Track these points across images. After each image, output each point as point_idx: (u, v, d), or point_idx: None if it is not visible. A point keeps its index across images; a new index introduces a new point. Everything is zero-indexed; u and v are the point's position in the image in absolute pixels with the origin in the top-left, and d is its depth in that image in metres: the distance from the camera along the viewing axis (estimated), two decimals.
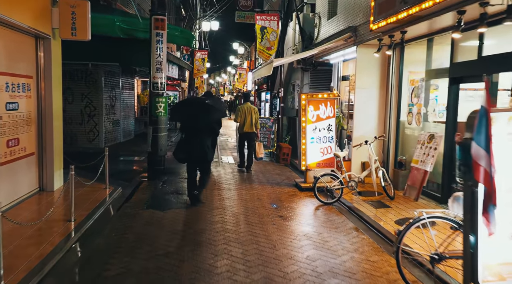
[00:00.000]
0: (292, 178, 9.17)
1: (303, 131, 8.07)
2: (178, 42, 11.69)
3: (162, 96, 9.13)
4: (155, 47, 9.01)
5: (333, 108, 8.06)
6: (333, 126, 8.12)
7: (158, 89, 9.09)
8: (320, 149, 8.12)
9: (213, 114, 6.57)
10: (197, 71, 22.12)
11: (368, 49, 8.35)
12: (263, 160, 11.91)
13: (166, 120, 9.38)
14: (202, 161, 6.58)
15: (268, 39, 12.28)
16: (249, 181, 8.73)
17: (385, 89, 8.56)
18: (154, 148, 9.10)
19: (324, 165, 8.15)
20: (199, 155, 6.44)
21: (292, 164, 11.22)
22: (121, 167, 9.87)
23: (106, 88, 12.91)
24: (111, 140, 13.40)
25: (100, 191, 7.18)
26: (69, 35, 6.93)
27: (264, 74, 9.64)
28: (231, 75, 59.58)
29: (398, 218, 6.04)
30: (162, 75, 9.11)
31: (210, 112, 6.51)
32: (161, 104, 9.12)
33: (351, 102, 11.53)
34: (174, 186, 8.10)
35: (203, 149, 6.43)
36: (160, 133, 9.15)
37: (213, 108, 6.61)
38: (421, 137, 7.18)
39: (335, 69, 11.86)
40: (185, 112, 6.65)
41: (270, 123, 12.56)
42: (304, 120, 8.05)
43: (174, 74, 15.77)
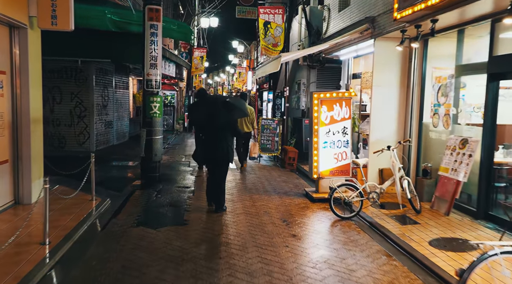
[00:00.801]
0: (301, 187, 8.28)
1: (315, 134, 7.19)
2: (175, 37, 10.82)
3: (157, 96, 8.23)
4: (149, 41, 8.12)
5: (349, 109, 7.18)
6: (348, 129, 7.23)
7: (152, 87, 8.19)
8: (334, 155, 7.23)
9: (234, 113, 6.31)
10: (195, 69, 21.20)
11: (387, 42, 7.47)
12: (267, 165, 11.02)
13: (161, 121, 8.49)
14: (223, 162, 6.24)
15: (272, 34, 11.39)
16: (253, 190, 7.83)
17: (405, 87, 7.68)
18: (148, 153, 8.20)
19: (339, 173, 7.27)
20: (220, 156, 6.12)
21: (299, 170, 10.33)
22: (112, 174, 8.96)
23: (98, 86, 12.00)
24: (103, 142, 12.48)
25: (85, 203, 6.28)
26: (48, 24, 6.01)
27: (270, 70, 8.75)
28: (230, 74, 58.67)
29: (432, 238, 5.16)
30: (157, 72, 8.22)
31: (232, 111, 6.22)
32: (156, 104, 8.22)
33: (363, 102, 10.67)
34: (170, 196, 7.20)
35: (224, 150, 6.13)
36: (154, 136, 8.25)
37: (234, 106, 6.33)
38: (450, 141, 6.31)
39: (345, 66, 10.98)
40: (205, 111, 6.24)
41: (274, 124, 11.66)
42: (316, 122, 7.16)
43: (171, 72, 14.86)
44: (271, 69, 8.60)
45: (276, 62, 7.95)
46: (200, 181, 8.53)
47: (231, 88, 54.54)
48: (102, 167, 9.54)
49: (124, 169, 9.61)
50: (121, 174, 9.01)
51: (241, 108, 6.69)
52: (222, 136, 6.14)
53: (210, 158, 6.24)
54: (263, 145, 11.55)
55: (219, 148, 6.10)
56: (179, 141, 16.71)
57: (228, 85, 62.28)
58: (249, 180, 8.77)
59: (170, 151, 13.15)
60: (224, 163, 6.27)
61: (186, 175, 9.09)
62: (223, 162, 6.25)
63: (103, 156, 11.07)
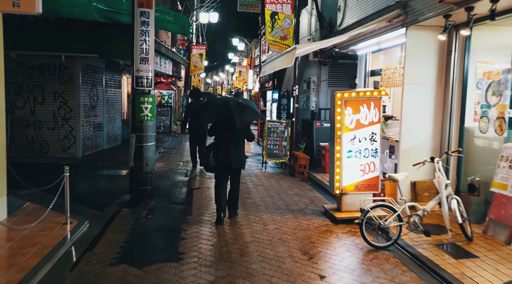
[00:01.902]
0: (318, 202, 7.08)
1: (337, 142, 5.97)
2: (172, 29, 9.63)
3: (148, 95, 7.01)
4: (139, 31, 6.89)
5: (378, 111, 5.97)
6: (377, 135, 6.02)
7: (143, 85, 6.97)
8: (360, 166, 6.03)
9: (249, 115, 5.84)
10: (194, 67, 19.97)
11: (423, 31, 6.28)
12: (275, 174, 9.80)
13: (154, 125, 7.27)
14: (237, 168, 5.87)
15: (280, 26, 10.17)
16: (262, 207, 6.62)
17: (443, 85, 6.48)
18: (138, 163, 6.98)
19: (365, 188, 6.06)
20: (234, 162, 5.66)
21: (311, 179, 9.12)
22: (97, 186, 7.74)
23: (85, 85, 10.77)
24: (91, 147, 11.25)
25: (56, 228, 5.06)
26: (9, 6, 4.80)
27: (282, 65, 7.52)
28: (230, 73, 57.46)
29: (502, 280, 3.95)
30: (149, 68, 6.99)
31: (246, 113, 5.72)
32: (147, 106, 6.99)
33: (383, 102, 9.48)
34: (163, 217, 5.99)
35: (239, 155, 5.73)
36: (146, 142, 7.03)
37: (249, 109, 5.84)
38: (507, 151, 5.11)
39: (361, 62, 9.78)
40: (217, 114, 5.74)
41: (281, 127, 10.44)
42: (339, 127, 5.95)
43: (167, 69, 13.65)
44: (282, 64, 7.38)
45: (290, 56, 6.71)
46: (200, 195, 7.31)
47: (231, 87, 53.34)
48: (86, 178, 8.34)
49: (112, 179, 8.38)
50: (107, 186, 7.78)
51: (254, 109, 6.07)
52: (236, 141, 5.71)
53: (222, 165, 5.67)
54: (269, 150, 10.33)
55: (232, 154, 5.62)
56: (177, 144, 15.48)
57: (227, 84, 61.06)
58: (256, 193, 7.55)
59: (165, 157, 11.92)
60: (237, 170, 5.91)
61: (183, 188, 7.87)
62: (237, 169, 5.88)
63: (89, 163, 9.86)
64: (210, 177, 8.80)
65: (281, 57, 7.72)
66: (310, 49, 7.83)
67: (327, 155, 9.57)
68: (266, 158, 10.30)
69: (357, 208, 6.07)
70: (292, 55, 6.57)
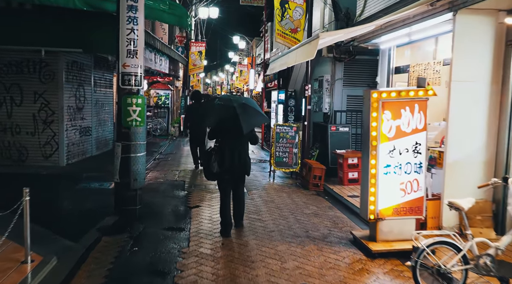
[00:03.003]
0: (342, 224, 5.86)
1: (373, 154, 4.75)
2: (167, 20, 8.44)
3: (137, 96, 5.80)
4: (125, 17, 5.69)
5: (424, 116, 4.74)
6: (422, 145, 4.80)
7: (130, 84, 5.76)
8: (401, 185, 4.81)
9: (256, 119, 5.41)
10: (193, 66, 18.74)
11: (475, 16, 5.10)
12: (285, 186, 8.58)
13: (144, 132, 6.05)
14: (242, 175, 5.42)
15: (290, 17, 8.95)
16: (276, 233, 5.40)
17: (500, 83, 5.26)
18: (124, 177, 5.78)
19: (407, 212, 4.84)
20: (239, 167, 5.26)
21: (328, 192, 7.91)
22: (76, 204, 6.50)
23: (70, 84, 9.54)
24: (77, 154, 10.02)
25: (11, 270, 3.85)
26: None
27: (298, 60, 6.23)
28: (229, 73, 56.26)
29: None
30: (138, 63, 5.78)
31: (253, 117, 5.25)
32: (135, 108, 5.78)
33: None
34: (153, 248, 4.75)
35: (244, 160, 5.32)
36: (134, 153, 5.82)
37: (255, 111, 5.34)
38: None
39: (384, 58, 8.58)
40: (221, 116, 5.19)
41: (292, 132, 9.22)
42: (374, 136, 4.72)
43: (163, 67, 12.42)
44: (299, 58, 6.11)
45: (310, 47, 5.43)
46: (199, 215, 6.09)
47: (231, 87, 52.12)
48: (65, 192, 7.12)
49: (96, 195, 7.13)
50: (89, 204, 6.53)
51: (260, 111, 5.59)
52: (241, 144, 5.27)
53: (227, 171, 5.19)
54: (278, 158, 9.11)
55: (237, 159, 5.19)
56: (174, 148, 14.24)
57: (227, 84, 59.84)
58: (267, 213, 6.33)
59: (161, 164, 10.69)
60: (242, 176, 5.45)
61: (180, 206, 6.63)
62: (242, 175, 5.43)
63: (73, 173, 8.64)
64: (211, 191, 7.58)
65: (297, 50, 6.45)
66: (335, 38, 6.58)
67: (345, 164, 8.37)
68: (275, 167, 9.08)
69: (396, 236, 4.88)
70: (313, 47, 5.32)
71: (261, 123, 5.76)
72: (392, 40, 7.88)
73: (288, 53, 7.21)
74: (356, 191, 7.90)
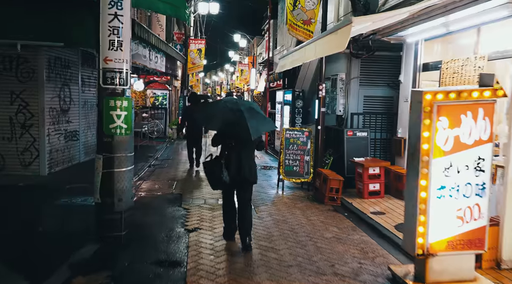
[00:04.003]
0: (373, 253, 4.80)
1: (424, 173, 3.67)
2: (162, 10, 7.35)
3: (122, 98, 4.74)
4: (106, 2, 4.61)
5: (490, 123, 3.68)
6: (487, 161, 3.72)
7: (114, 83, 4.70)
8: (458, 211, 3.75)
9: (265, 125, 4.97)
10: (192, 65, 17.66)
11: None
12: (296, 199, 7.51)
13: (131, 141, 4.97)
14: (249, 184, 4.95)
15: (303, 7, 7.89)
16: (295, 269, 4.34)
17: None
18: (106, 197, 4.72)
19: (465, 245, 3.78)
20: (247, 175, 4.81)
21: (346, 207, 6.85)
22: (51, 228, 5.40)
23: (53, 83, 8.47)
24: (62, 161, 8.94)
25: None
26: None
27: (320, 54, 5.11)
28: (229, 73, 55.20)
29: None
30: (123, 57, 4.72)
31: (262, 124, 4.81)
32: (120, 113, 4.72)
33: None
34: None
35: (252, 167, 4.93)
36: (118, 167, 4.76)
37: (263, 118, 5.00)
38: None
39: (409, 54, 7.54)
40: (228, 121, 4.66)
41: (303, 138, 8.16)
42: (426, 150, 3.65)
43: (159, 65, 11.37)
44: (323, 50, 4.94)
45: (340, 36, 4.25)
46: (199, 243, 5.01)
47: (231, 87, 51.06)
48: (40, 211, 6.05)
49: (77, 214, 6.02)
50: (67, 227, 5.43)
51: (266, 117, 5.30)
52: (248, 151, 4.93)
53: (234, 180, 4.77)
54: (287, 167, 8.05)
55: (245, 167, 4.80)
56: (171, 153, 13.16)
57: (227, 84, 58.75)
58: (280, 239, 5.25)
59: (156, 172, 9.61)
60: (251, 185, 5.01)
61: (175, 228, 5.55)
62: (250, 184, 4.99)
63: (55, 184, 7.58)
64: (212, 208, 6.51)
65: (317, 42, 5.31)
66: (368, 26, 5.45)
67: (366, 175, 7.31)
68: (284, 177, 8.01)
69: (452, 277, 3.85)
70: (343, 36, 4.19)
71: (268, 130, 5.62)
72: (420, 32, 6.83)
73: (305, 47, 6.10)
74: (378, 205, 6.85)
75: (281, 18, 16.46)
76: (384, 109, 8.86)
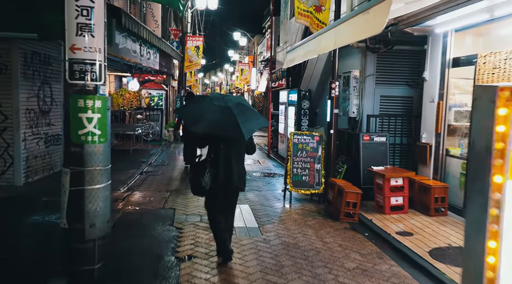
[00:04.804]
0: None
1: (494, 198, 2.67)
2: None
3: (94, 96, 3.76)
4: None
5: None
6: None
7: (84, 78, 3.72)
8: None
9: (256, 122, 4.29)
10: (190, 63, 16.68)
11: None
12: (306, 214, 6.53)
13: (107, 150, 3.99)
14: (235, 192, 4.48)
15: None
16: None
17: None
18: (75, 222, 3.75)
19: None
20: (236, 181, 4.30)
21: (366, 225, 5.88)
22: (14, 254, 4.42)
23: (29, 81, 7.50)
24: (41, 169, 7.97)
25: None
26: None
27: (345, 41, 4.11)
28: (229, 73, 54.26)
29: None
30: (95, 45, 3.75)
31: (252, 120, 4.21)
32: (91, 116, 3.75)
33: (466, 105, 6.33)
34: None
35: (242, 173, 4.40)
36: (90, 184, 3.79)
37: (253, 113, 4.38)
38: None
39: (435, 47, 6.60)
40: (215, 118, 4.05)
41: (314, 143, 7.19)
42: (499, 166, 2.66)
43: (152, 62, 10.39)
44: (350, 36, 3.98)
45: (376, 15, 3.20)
46: (192, 277, 4.03)
47: (230, 88, 50.11)
48: (6, 231, 5.06)
49: (48, 235, 5.04)
50: (32, 255, 4.47)
51: (256, 111, 4.66)
52: (239, 155, 4.39)
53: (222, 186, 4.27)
54: (296, 176, 7.08)
55: (234, 172, 4.26)
56: (166, 158, 12.17)
57: (226, 85, 57.80)
58: (292, 272, 4.27)
59: (148, 181, 8.63)
60: (237, 192, 4.51)
61: (164, 256, 4.55)
62: (237, 192, 4.50)
63: (30, 196, 6.62)
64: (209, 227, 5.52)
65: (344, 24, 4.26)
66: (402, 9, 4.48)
67: (387, 186, 6.34)
68: (292, 188, 7.05)
69: None
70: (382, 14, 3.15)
71: (261, 126, 4.64)
72: (451, 22, 5.91)
73: (322, 35, 5.11)
74: (403, 223, 5.88)
75: (284, 13, 15.49)
76: (403, 111, 7.91)
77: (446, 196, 6.17)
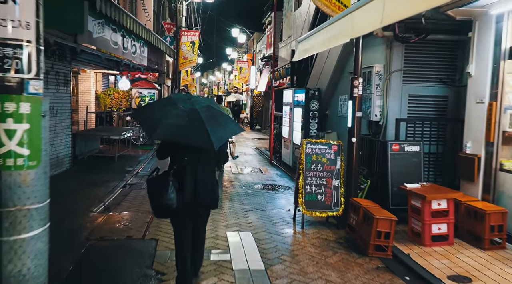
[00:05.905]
0: None
1: None
2: None
3: (19, 97, 2.41)
4: None
5: None
6: None
7: (2, 67, 2.36)
8: None
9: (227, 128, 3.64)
10: (184, 59, 15.32)
11: None
12: (325, 245, 5.17)
13: (43, 179, 2.64)
14: (207, 207, 3.84)
15: None
16: None
17: None
18: None
19: None
20: (206, 198, 3.63)
21: (404, 262, 4.55)
22: None
23: None
24: None
25: None
26: None
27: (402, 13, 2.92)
28: (227, 72, 52.93)
29: None
30: (20, 17, 2.37)
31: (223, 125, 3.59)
32: (14, 127, 2.40)
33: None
34: None
35: (212, 188, 3.70)
36: (11, 234, 2.43)
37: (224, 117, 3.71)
38: None
39: (485, 35, 5.29)
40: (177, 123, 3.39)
41: (331, 153, 5.84)
42: None
43: (138, 57, 9.06)
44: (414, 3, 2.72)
45: None
46: None
47: (228, 88, 48.78)
48: None
49: None
50: None
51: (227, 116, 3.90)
52: (207, 167, 3.69)
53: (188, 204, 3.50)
54: (309, 195, 5.75)
55: (202, 187, 3.56)
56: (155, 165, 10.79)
57: (224, 84, 56.45)
58: None
59: (131, 196, 7.28)
60: (208, 210, 3.93)
61: None
62: (207, 210, 3.89)
63: None
64: (202, 272, 4.16)
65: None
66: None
67: (427, 210, 5.01)
68: (305, 210, 5.71)
69: None
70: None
71: (234, 134, 3.89)
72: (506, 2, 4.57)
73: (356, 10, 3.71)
74: (451, 260, 4.56)
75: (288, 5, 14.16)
76: (435, 113, 6.61)
77: (505, 224, 4.85)
